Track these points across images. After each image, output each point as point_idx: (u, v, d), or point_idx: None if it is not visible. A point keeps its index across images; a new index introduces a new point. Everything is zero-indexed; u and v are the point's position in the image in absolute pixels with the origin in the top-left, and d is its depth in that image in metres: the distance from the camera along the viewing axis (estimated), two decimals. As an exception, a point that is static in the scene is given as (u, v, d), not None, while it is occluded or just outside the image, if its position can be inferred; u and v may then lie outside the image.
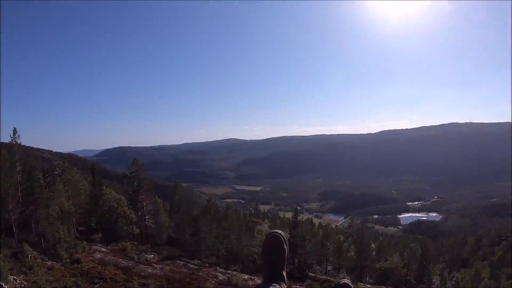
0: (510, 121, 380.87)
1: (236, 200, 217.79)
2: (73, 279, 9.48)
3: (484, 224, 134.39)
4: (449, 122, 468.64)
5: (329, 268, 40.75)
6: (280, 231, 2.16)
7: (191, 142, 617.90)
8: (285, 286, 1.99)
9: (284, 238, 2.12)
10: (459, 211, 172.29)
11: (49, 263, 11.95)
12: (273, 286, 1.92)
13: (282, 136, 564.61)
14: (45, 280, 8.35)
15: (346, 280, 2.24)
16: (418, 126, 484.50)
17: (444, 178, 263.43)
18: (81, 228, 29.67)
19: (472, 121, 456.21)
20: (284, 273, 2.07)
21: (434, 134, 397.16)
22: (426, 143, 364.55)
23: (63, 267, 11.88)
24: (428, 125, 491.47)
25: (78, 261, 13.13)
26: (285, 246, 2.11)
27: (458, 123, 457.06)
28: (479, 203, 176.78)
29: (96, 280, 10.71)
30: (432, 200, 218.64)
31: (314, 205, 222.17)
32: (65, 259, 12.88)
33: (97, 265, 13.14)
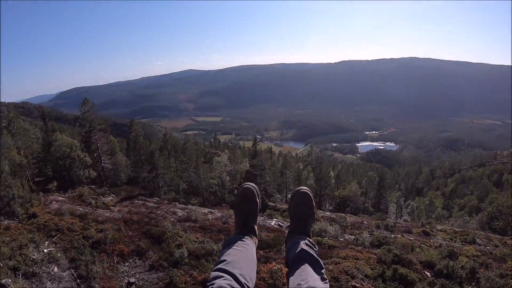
0: (467, 60, 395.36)
1: (196, 132, 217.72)
2: (30, 235, 10.08)
3: (438, 156, 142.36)
4: (409, 57, 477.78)
5: (289, 196, 42.08)
6: (252, 184, 2.18)
7: (148, 76, 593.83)
8: (256, 240, 2.10)
9: (256, 191, 2.17)
10: (415, 142, 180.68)
11: (5, 222, 12.19)
12: (246, 238, 2.01)
13: (241, 65, 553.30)
14: (2, 242, 8.97)
15: (305, 188, 2.21)
16: (378, 58, 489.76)
17: (402, 110, 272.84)
18: (37, 179, 28.97)
19: (432, 57, 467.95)
20: (256, 227, 2.18)
21: (394, 67, 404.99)
22: (385, 75, 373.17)
23: (20, 224, 12.16)
24: (388, 57, 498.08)
25: (34, 216, 13.40)
26: (258, 199, 2.16)
27: (417, 57, 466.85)
28: (434, 136, 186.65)
29: (53, 233, 11.07)
30: (389, 130, 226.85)
31: (275, 133, 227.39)
32: (22, 215, 13.03)
33: (53, 216, 13.35)
